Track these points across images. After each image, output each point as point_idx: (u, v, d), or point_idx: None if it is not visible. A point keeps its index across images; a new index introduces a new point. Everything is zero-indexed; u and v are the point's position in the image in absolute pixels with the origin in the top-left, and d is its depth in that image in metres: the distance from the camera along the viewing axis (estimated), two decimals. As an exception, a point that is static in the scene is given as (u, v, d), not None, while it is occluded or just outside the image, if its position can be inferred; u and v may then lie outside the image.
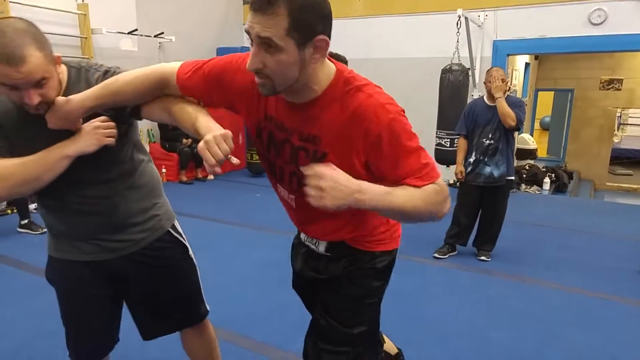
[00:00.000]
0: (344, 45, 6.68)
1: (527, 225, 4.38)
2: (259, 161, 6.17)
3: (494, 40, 5.84)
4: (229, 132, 1.01)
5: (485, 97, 3.35)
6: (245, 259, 3.34)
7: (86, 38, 5.23)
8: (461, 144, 3.46)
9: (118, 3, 5.67)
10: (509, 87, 3.34)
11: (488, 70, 3.34)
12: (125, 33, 5.66)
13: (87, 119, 1.19)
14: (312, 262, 1.34)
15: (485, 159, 3.29)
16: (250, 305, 2.64)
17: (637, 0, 5.17)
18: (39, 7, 4.74)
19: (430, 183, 1.00)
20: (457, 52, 5.17)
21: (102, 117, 1.20)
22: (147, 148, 6.44)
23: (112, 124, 1.21)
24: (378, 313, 1.44)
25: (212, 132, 1.00)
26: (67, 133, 1.17)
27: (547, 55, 8.94)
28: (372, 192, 0.94)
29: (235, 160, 1.00)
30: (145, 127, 6.21)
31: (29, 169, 1.13)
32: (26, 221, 3.79)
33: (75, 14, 5.16)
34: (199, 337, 1.56)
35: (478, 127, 3.30)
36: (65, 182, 1.20)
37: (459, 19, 5.13)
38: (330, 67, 1.03)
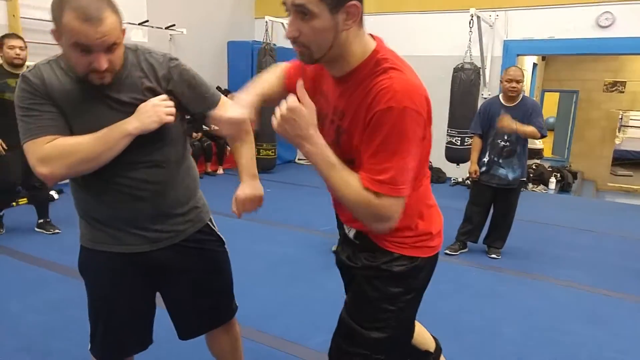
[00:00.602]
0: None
1: (535, 224, 4.45)
2: (267, 156, 6.25)
3: (505, 40, 5.89)
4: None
5: (501, 97, 3.36)
6: (258, 254, 3.36)
7: None
8: (476, 143, 3.47)
9: (130, -6, 5.68)
10: (522, 88, 3.35)
11: (506, 70, 3.32)
12: (135, 24, 5.65)
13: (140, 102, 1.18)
14: (346, 247, 1.32)
15: (500, 161, 3.32)
16: (264, 301, 2.66)
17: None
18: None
19: (373, 192, 0.98)
20: (469, 51, 5.22)
21: (162, 96, 1.18)
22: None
23: (170, 102, 1.19)
24: (403, 324, 1.29)
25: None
26: (124, 112, 1.15)
27: (553, 56, 8.99)
28: (317, 149, 1.00)
29: None
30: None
31: (90, 147, 1.11)
32: (42, 221, 3.65)
33: None
34: (226, 334, 1.54)
35: (493, 127, 3.30)
36: (118, 163, 1.16)
37: (472, 18, 5.18)
38: (367, 44, 1.04)
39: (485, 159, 3.39)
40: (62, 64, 1.15)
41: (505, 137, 3.29)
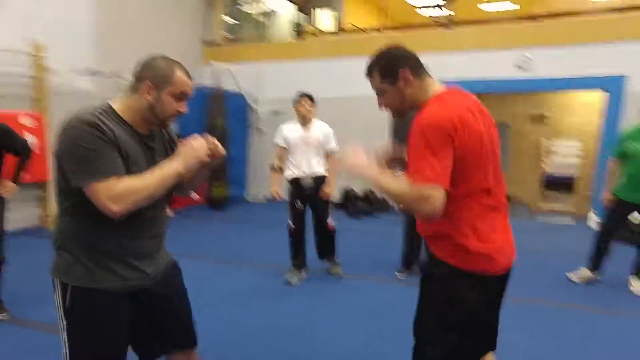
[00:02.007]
0: (304, 86, 7.15)
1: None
2: (219, 195, 6.32)
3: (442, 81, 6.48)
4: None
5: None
6: (212, 290, 3.44)
7: (40, 78, 5.16)
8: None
9: (76, 42, 5.68)
10: None
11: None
12: (82, 73, 5.59)
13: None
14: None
15: None
16: (221, 332, 2.74)
17: (557, 48, 6.02)
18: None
19: (415, 184, 1.29)
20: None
21: (195, 135, 1.40)
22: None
23: (206, 141, 1.39)
24: (444, 349, 1.43)
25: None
26: (154, 157, 1.39)
27: (484, 93, 9.89)
28: (376, 181, 1.38)
29: (195, 196, 1.30)
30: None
31: (151, 185, 1.28)
32: None
33: (30, 55, 5.07)
34: None
35: None
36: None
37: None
38: (430, 90, 1.42)
39: None
40: (116, 115, 1.32)
41: None
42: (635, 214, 3.61)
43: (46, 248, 5.17)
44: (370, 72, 1.47)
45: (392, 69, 1.41)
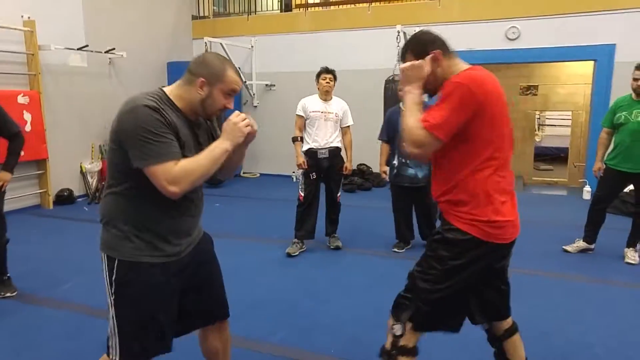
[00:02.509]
0: (293, 59, 7.14)
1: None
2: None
3: (429, 53, 6.46)
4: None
5: (401, 104, 3.75)
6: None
7: (33, 54, 5.18)
8: (383, 148, 3.95)
9: (66, 18, 5.63)
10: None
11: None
12: (74, 49, 5.63)
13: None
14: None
15: (408, 162, 3.72)
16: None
17: (545, 19, 6.00)
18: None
19: (422, 125, 1.44)
20: (398, 64, 5.68)
21: (236, 112, 1.47)
22: (99, 164, 6.36)
23: (245, 116, 1.46)
24: (446, 290, 1.52)
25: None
26: (212, 139, 1.50)
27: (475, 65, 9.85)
28: (412, 94, 1.55)
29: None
30: (97, 143, 6.19)
31: (205, 166, 1.37)
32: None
33: (21, 30, 5.10)
34: (219, 335, 1.72)
35: (398, 133, 3.61)
36: None
37: (398, 34, 5.67)
38: (457, 69, 1.53)
39: (395, 162, 3.79)
40: (171, 102, 1.42)
41: None
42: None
43: (48, 226, 5.30)
44: (404, 55, 1.59)
45: (424, 50, 1.53)
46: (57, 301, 2.94)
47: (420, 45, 1.55)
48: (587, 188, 6.03)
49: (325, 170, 3.85)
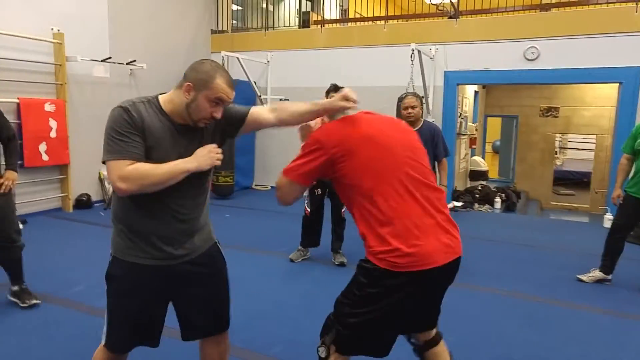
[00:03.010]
0: (308, 75, 7.17)
1: (477, 240, 4.80)
2: (226, 183, 6.52)
3: (445, 71, 6.41)
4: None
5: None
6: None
7: (60, 65, 5.38)
8: None
9: (92, 32, 5.85)
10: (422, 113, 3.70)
11: (402, 98, 3.64)
12: (98, 61, 5.84)
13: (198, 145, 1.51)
14: None
15: None
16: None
17: (566, 39, 5.88)
18: (16, 35, 4.89)
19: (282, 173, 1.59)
20: (411, 82, 5.66)
21: (213, 145, 1.50)
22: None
23: (220, 150, 1.50)
24: (365, 315, 1.52)
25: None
26: (191, 151, 1.47)
27: (492, 84, 9.73)
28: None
29: None
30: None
31: (159, 175, 1.40)
32: (17, 288, 2.89)
33: (51, 42, 5.32)
34: (217, 345, 1.73)
35: None
36: (173, 191, 1.45)
37: (412, 52, 5.64)
38: None
39: None
40: (157, 105, 1.47)
41: None
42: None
43: (66, 229, 5.42)
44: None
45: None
46: (71, 301, 3.02)
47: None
48: (609, 215, 5.77)
49: (330, 186, 3.81)
